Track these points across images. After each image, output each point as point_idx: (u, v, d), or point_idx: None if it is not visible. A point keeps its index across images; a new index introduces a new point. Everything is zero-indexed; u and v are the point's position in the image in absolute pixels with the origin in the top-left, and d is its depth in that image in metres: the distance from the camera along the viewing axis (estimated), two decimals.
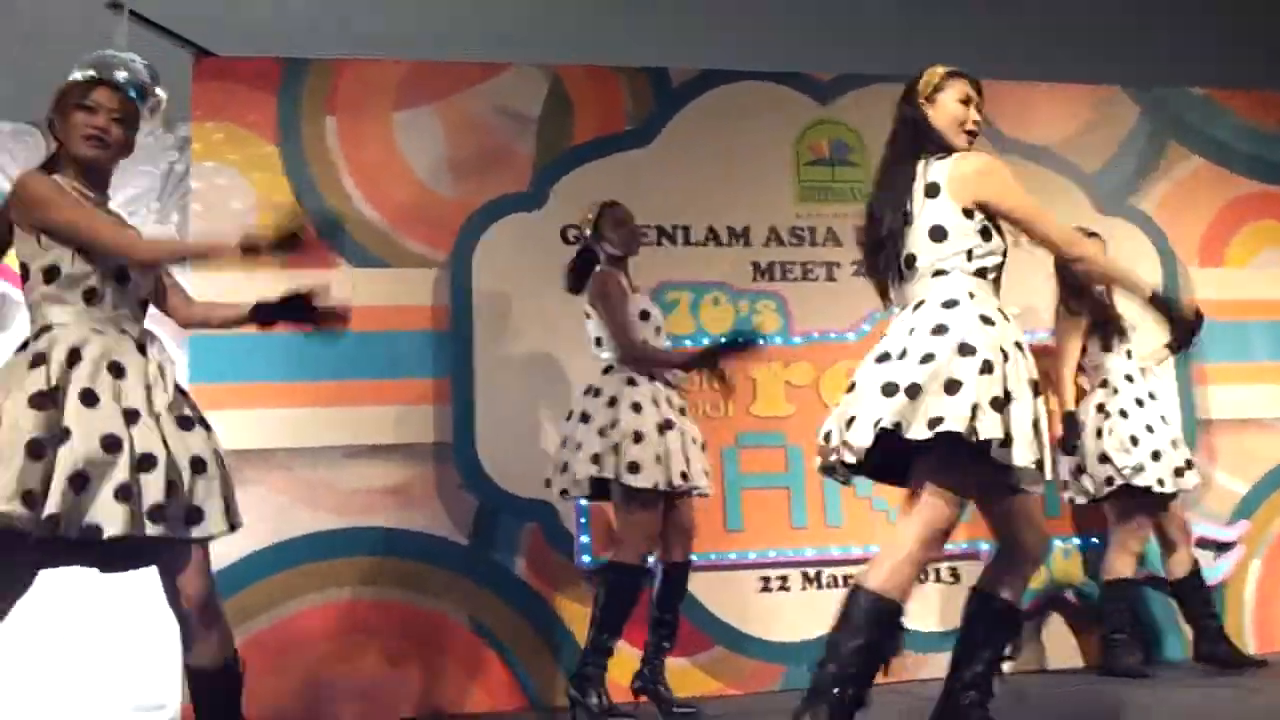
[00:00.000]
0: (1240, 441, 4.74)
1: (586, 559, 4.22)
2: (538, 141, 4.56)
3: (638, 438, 3.49)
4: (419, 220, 4.40)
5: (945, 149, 2.61)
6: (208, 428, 2.52)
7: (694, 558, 3.79)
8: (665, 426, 3.54)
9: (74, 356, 2.36)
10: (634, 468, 3.47)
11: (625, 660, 3.72)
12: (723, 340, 3.72)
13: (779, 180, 4.75)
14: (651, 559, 3.69)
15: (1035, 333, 4.41)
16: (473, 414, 4.26)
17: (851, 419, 2.45)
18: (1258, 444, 4.71)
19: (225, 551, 2.57)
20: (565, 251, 4.44)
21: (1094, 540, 4.55)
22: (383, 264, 4.34)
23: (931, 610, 4.44)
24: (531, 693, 4.11)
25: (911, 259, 2.55)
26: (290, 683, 3.92)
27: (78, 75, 4.00)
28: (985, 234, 2.54)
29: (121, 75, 4.02)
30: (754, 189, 4.69)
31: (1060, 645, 4.54)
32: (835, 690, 2.36)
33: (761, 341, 3.84)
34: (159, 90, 4.18)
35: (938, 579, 4.50)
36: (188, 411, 2.47)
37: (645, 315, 3.74)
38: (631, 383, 3.61)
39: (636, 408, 3.55)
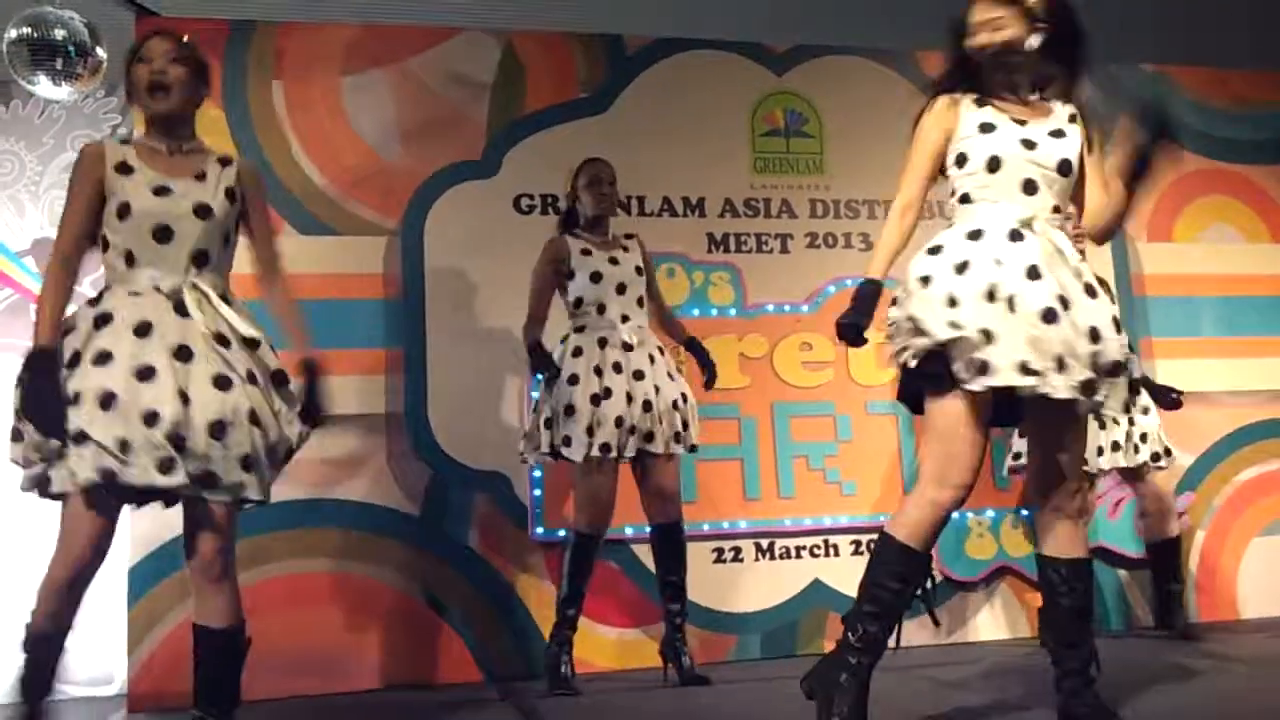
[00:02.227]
0: (1187, 415, 4.81)
1: (540, 530, 4.19)
2: (490, 108, 4.50)
3: (569, 411, 3.52)
4: (369, 187, 4.32)
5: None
6: (275, 384, 2.49)
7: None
8: (602, 396, 3.52)
9: (101, 320, 2.38)
10: (566, 441, 3.51)
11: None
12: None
13: (734, 151, 4.72)
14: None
15: None
16: (424, 384, 4.20)
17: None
18: (1204, 417, 4.78)
19: (175, 522, 2.50)
20: (518, 220, 4.42)
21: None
22: (331, 232, 4.26)
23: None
24: (484, 663, 4.08)
25: None
26: None
27: (12, 33, 3.89)
28: None
29: (59, 34, 3.90)
30: (709, 160, 4.66)
31: (1013, 615, 4.59)
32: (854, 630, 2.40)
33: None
34: (99, 50, 4.06)
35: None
36: (228, 371, 2.39)
37: (596, 277, 3.69)
38: (577, 353, 3.60)
39: (573, 379, 3.55)
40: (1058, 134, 2.51)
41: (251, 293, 2.67)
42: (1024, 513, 4.57)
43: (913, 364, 2.41)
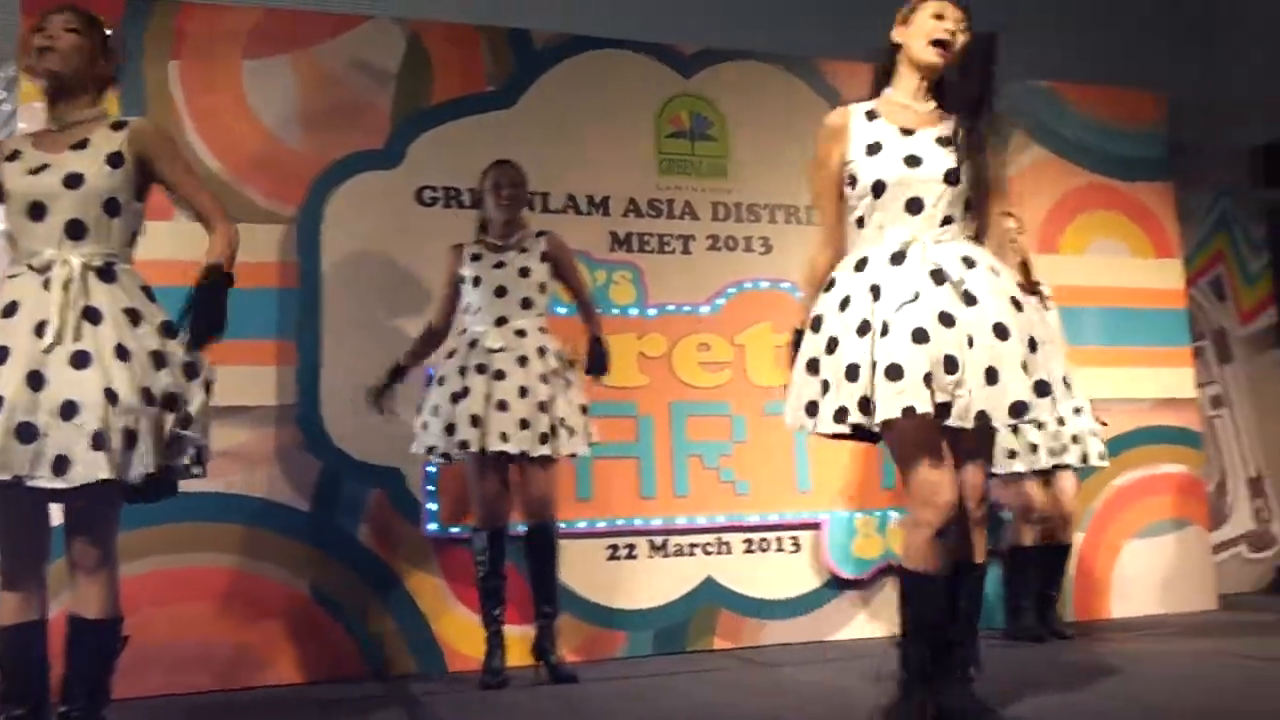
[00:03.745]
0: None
1: (433, 526, 4.17)
2: (395, 98, 4.44)
3: (434, 410, 3.66)
4: (266, 174, 4.24)
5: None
6: (160, 362, 2.38)
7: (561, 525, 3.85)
8: (460, 395, 3.60)
9: None
10: (436, 439, 3.67)
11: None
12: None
13: (639, 151, 4.74)
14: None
15: None
16: (317, 377, 4.14)
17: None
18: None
19: (54, 513, 2.44)
20: (420, 212, 4.38)
21: None
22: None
23: (772, 578, 4.55)
24: (374, 661, 4.05)
25: None
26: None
27: None
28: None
29: None
30: (614, 159, 4.68)
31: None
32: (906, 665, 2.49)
33: None
34: None
35: (780, 548, 4.60)
36: (89, 347, 2.29)
37: (477, 281, 3.76)
38: (450, 355, 3.72)
39: (441, 381, 3.69)
40: (945, 142, 2.53)
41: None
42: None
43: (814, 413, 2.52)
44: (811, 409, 2.53)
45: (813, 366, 2.53)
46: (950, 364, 2.38)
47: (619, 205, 4.68)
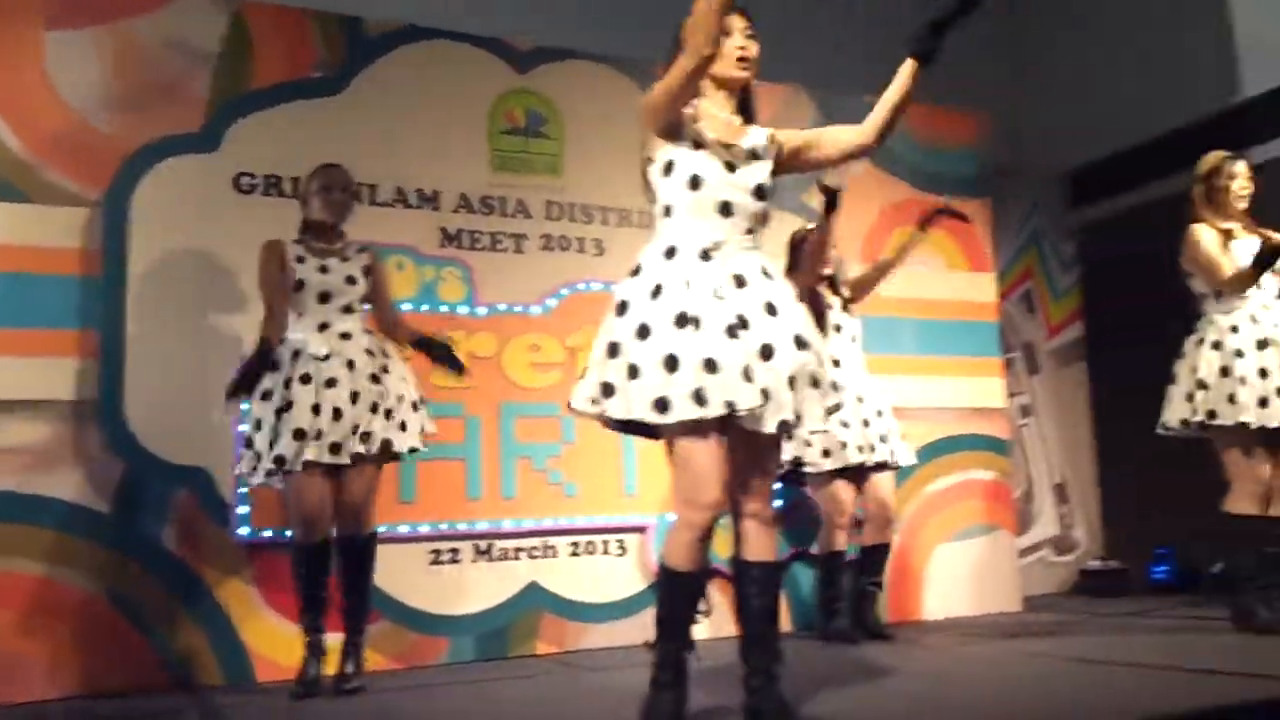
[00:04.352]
0: None
1: (244, 531, 3.98)
2: (214, 80, 4.23)
3: (257, 426, 3.49)
4: (70, 153, 3.97)
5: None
6: None
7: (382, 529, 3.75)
8: (284, 410, 3.45)
9: None
10: (257, 458, 3.49)
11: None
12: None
13: (472, 147, 4.66)
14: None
15: None
16: (121, 371, 3.90)
17: None
18: (902, 430, 5.10)
19: None
20: (238, 199, 4.19)
21: None
22: (22, 198, 3.88)
23: (597, 582, 4.53)
24: (178, 672, 3.83)
25: None
26: None
27: None
28: None
29: None
30: (446, 153, 4.58)
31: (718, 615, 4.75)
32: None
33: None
34: None
35: (606, 551, 4.59)
36: None
37: (300, 285, 3.59)
38: (274, 367, 3.52)
39: (265, 395, 3.50)
40: (755, 156, 2.65)
41: None
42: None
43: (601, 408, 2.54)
44: (607, 390, 2.51)
45: (614, 350, 2.51)
46: (748, 370, 2.45)
47: (450, 200, 4.58)
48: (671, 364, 2.42)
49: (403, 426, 3.59)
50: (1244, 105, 5.81)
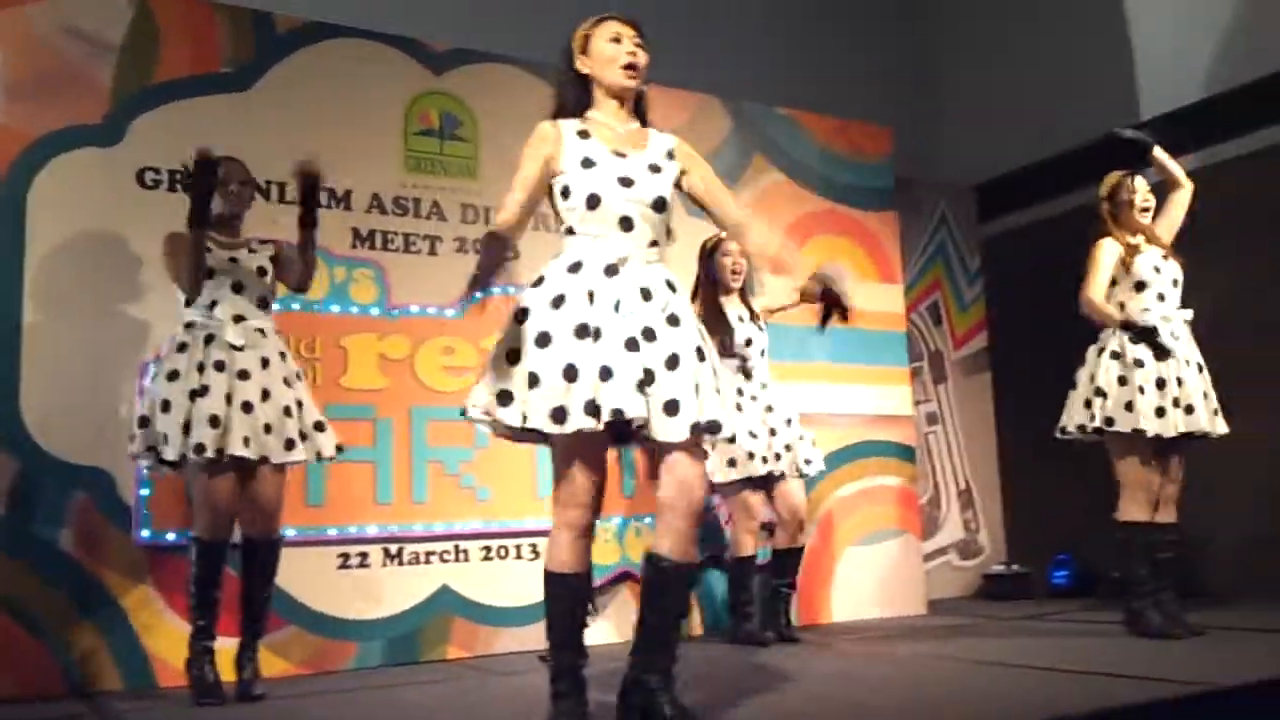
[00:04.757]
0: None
1: (146, 533, 3.88)
2: (116, 71, 4.12)
3: (165, 407, 3.35)
4: None
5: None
6: None
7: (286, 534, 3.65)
8: (199, 393, 3.35)
9: None
10: (164, 439, 3.34)
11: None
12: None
13: (386, 147, 4.61)
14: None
15: None
16: (16, 366, 3.77)
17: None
18: (814, 436, 5.16)
19: None
20: (140, 194, 4.09)
21: None
22: None
23: (509, 586, 4.50)
24: (75, 678, 3.71)
25: None
26: None
27: None
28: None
29: None
30: (359, 152, 4.52)
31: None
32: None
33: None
34: None
35: (519, 555, 4.57)
36: None
37: (210, 274, 3.48)
38: (181, 348, 3.43)
39: (173, 375, 3.39)
40: (655, 169, 2.67)
41: None
42: (649, 521, 4.77)
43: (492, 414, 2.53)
44: (504, 398, 2.50)
45: (513, 357, 2.51)
46: (649, 377, 2.47)
47: (362, 200, 4.53)
48: (570, 374, 2.43)
49: (303, 434, 3.53)
50: (1144, 124, 6.03)
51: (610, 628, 4.64)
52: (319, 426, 3.58)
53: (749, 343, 4.55)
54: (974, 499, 6.71)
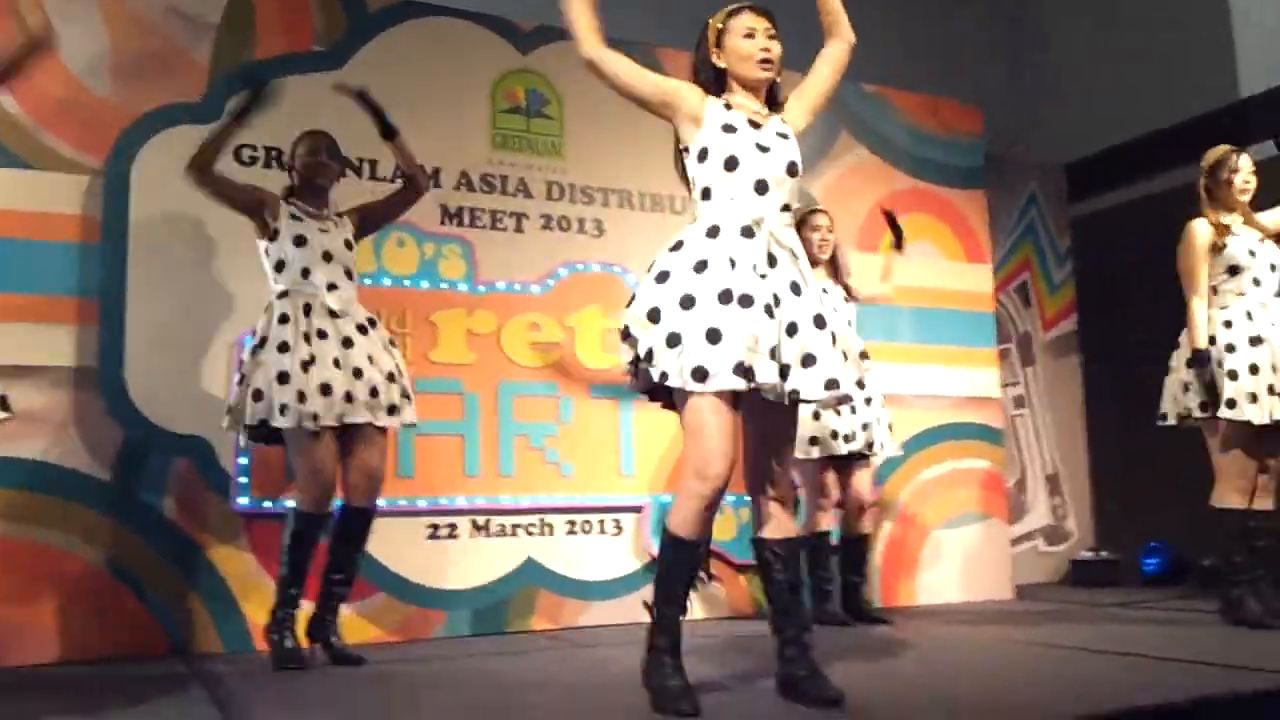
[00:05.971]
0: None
1: (244, 500, 3.98)
2: (215, 50, 4.22)
3: (283, 379, 3.36)
4: (71, 121, 3.96)
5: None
6: None
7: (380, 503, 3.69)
8: (309, 363, 3.40)
9: None
10: (283, 410, 3.35)
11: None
12: None
13: (473, 124, 4.66)
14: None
15: None
16: (122, 337, 3.90)
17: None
18: (897, 418, 5.10)
19: None
20: (238, 171, 4.17)
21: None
22: (22, 165, 3.87)
23: (593, 560, 4.54)
24: (176, 639, 3.83)
25: None
26: None
27: None
28: None
29: None
30: (447, 130, 4.57)
31: (714, 595, 4.77)
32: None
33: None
34: None
35: (602, 530, 4.60)
36: None
37: (301, 241, 3.53)
38: (283, 320, 3.46)
39: (283, 347, 3.41)
40: (784, 137, 2.73)
41: None
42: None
43: (639, 365, 2.58)
44: (649, 356, 2.55)
45: (654, 316, 2.55)
46: (775, 349, 2.52)
47: (450, 178, 4.58)
48: (714, 336, 2.47)
49: (406, 396, 3.59)
50: (1242, 103, 5.84)
51: (700, 602, 4.64)
52: (406, 395, 3.63)
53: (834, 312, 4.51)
54: (1061, 484, 6.59)
